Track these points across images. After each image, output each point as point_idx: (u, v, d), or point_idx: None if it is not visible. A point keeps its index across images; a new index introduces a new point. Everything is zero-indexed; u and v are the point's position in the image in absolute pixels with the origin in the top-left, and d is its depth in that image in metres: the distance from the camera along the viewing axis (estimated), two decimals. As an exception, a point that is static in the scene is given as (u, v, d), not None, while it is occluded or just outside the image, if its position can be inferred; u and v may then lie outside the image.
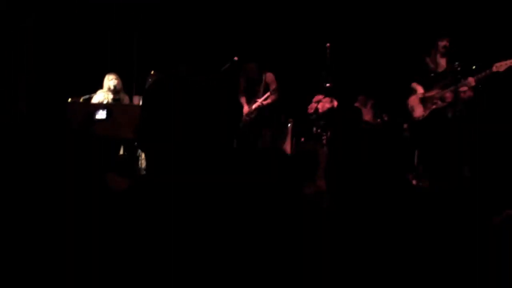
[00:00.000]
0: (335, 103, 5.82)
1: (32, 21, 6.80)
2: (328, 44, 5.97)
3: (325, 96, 5.89)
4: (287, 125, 6.42)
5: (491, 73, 4.91)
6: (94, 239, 1.55)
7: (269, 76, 6.07)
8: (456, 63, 5.18)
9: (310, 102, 6.13)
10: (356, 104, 6.30)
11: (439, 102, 5.30)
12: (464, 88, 5.11)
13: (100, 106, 5.25)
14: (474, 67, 5.41)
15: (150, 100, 1.23)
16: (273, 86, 6.05)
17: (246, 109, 6.05)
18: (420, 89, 5.43)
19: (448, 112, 5.22)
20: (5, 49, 6.75)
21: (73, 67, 7.13)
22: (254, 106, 6.06)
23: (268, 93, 6.01)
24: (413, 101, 5.50)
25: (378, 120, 6.18)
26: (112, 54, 7.29)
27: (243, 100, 6.09)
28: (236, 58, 5.92)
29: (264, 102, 6.02)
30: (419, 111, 5.42)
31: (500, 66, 4.83)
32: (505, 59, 4.85)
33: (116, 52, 7.34)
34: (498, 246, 1.53)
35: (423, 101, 5.42)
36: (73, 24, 7.19)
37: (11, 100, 6.63)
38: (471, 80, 5.02)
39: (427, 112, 5.36)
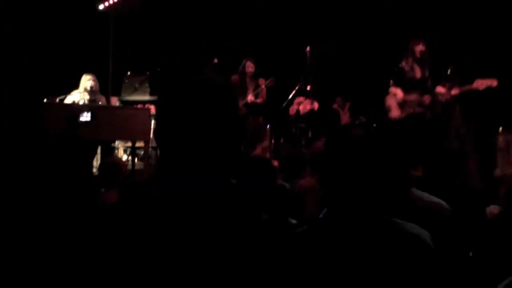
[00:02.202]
0: (316, 105, 5.90)
1: (9, 21, 6.63)
2: (308, 48, 6.04)
3: (306, 98, 5.96)
4: (266, 126, 6.48)
5: (471, 89, 5.15)
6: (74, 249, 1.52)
7: (262, 81, 6.30)
8: (450, 68, 5.34)
9: (290, 104, 6.20)
10: (334, 106, 6.40)
11: (417, 108, 5.44)
12: (442, 90, 5.27)
13: (81, 107, 5.17)
14: (448, 71, 5.57)
15: (167, 101, 1.21)
16: (263, 90, 6.28)
17: None
18: (399, 93, 5.53)
19: (426, 115, 5.36)
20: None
21: (48, 67, 6.98)
22: (243, 102, 6.16)
23: (261, 93, 6.24)
24: (390, 102, 5.60)
25: (356, 122, 6.29)
26: (87, 54, 7.18)
27: None
28: (216, 61, 5.94)
29: (258, 100, 6.21)
30: (395, 112, 5.53)
31: (481, 84, 5.09)
32: (485, 77, 5.10)
33: (92, 52, 7.23)
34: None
35: (401, 104, 5.53)
36: (49, 23, 7.04)
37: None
38: (454, 92, 5.22)
39: (404, 114, 5.48)
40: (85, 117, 4.82)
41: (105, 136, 5.39)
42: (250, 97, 6.16)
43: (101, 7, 6.92)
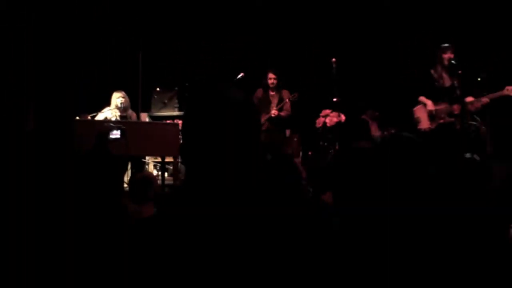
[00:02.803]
0: (343, 117, 5.86)
1: (39, 38, 6.84)
2: (333, 59, 6.02)
3: (333, 110, 5.93)
4: (294, 139, 6.48)
5: (501, 96, 5.07)
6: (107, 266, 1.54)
7: (285, 93, 6.30)
8: (481, 75, 5.29)
9: (317, 116, 6.18)
10: (364, 117, 6.33)
11: (447, 118, 5.36)
12: (471, 99, 5.20)
13: (112, 124, 5.28)
14: (479, 78, 5.48)
15: (192, 117, 1.23)
16: (288, 103, 6.28)
17: None
18: (429, 103, 5.45)
19: (456, 124, 5.27)
20: (12, 67, 6.79)
21: (79, 84, 7.16)
22: (266, 116, 6.15)
23: (286, 106, 6.22)
24: (420, 113, 5.53)
25: (385, 133, 6.21)
26: (117, 72, 7.33)
27: None
28: (242, 74, 5.98)
29: (282, 114, 6.21)
30: (425, 123, 5.46)
31: (510, 91, 5.04)
32: None
33: (122, 70, 7.38)
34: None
35: (431, 114, 5.45)
36: (79, 41, 7.23)
37: (18, 117, 6.64)
38: (484, 100, 5.15)
39: (434, 125, 5.40)
40: (115, 135, 4.92)
41: (135, 152, 5.48)
42: (273, 111, 6.17)
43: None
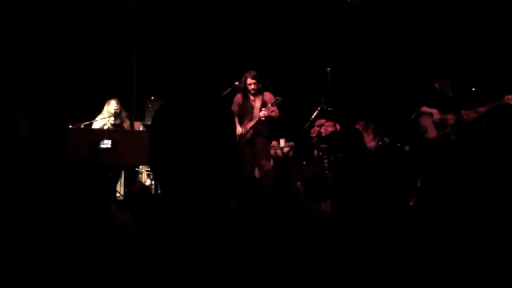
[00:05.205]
0: (338, 127, 5.85)
1: (33, 45, 6.82)
2: (328, 69, 6.02)
3: (327, 120, 5.91)
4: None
5: (500, 105, 5.09)
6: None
7: (267, 95, 5.80)
8: (475, 86, 5.33)
9: (312, 126, 6.16)
10: (357, 127, 6.33)
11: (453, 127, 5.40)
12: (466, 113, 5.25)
13: (103, 133, 5.23)
14: (473, 89, 5.51)
15: (159, 126, 1.21)
16: (271, 108, 5.69)
17: (239, 130, 5.74)
18: (436, 112, 5.47)
19: (451, 134, 5.29)
20: (5, 74, 6.76)
21: (73, 92, 7.12)
22: (251, 123, 5.73)
23: (272, 107, 5.66)
24: (426, 122, 5.54)
25: (380, 143, 6.21)
26: (111, 79, 7.30)
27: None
28: (237, 83, 5.92)
29: (273, 114, 5.65)
30: (432, 133, 5.47)
31: (510, 100, 5.06)
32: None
33: (116, 78, 7.35)
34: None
35: (438, 123, 5.47)
36: (73, 49, 7.20)
37: (11, 125, 6.59)
38: (481, 110, 5.18)
39: (440, 134, 5.42)
40: (105, 144, 4.89)
41: (128, 161, 5.43)
42: (263, 113, 5.63)
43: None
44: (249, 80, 5.74)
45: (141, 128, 6.86)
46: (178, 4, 7.37)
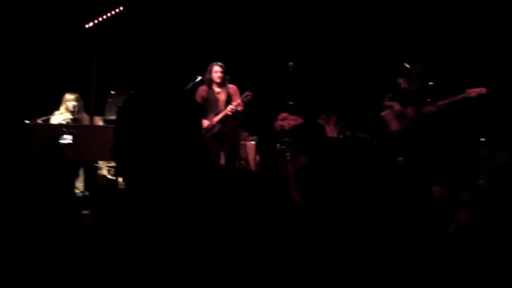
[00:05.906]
0: (300, 121, 5.88)
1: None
2: (291, 63, 6.04)
3: (290, 113, 5.94)
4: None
5: (461, 98, 5.29)
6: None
7: (232, 88, 5.75)
8: (430, 83, 5.47)
9: (274, 119, 6.18)
10: (319, 121, 6.38)
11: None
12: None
13: (63, 129, 5.09)
14: (431, 83, 5.67)
15: (121, 122, 1.20)
16: (237, 98, 5.68)
17: (205, 123, 5.63)
18: (396, 105, 5.61)
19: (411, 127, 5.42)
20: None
21: (29, 87, 6.93)
22: (218, 117, 5.67)
23: (238, 101, 5.60)
24: (389, 116, 5.65)
25: (341, 136, 6.27)
26: (71, 74, 7.14)
27: None
28: (200, 77, 5.88)
29: (239, 108, 5.59)
30: (395, 125, 5.60)
31: (472, 92, 5.27)
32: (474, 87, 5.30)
33: (75, 72, 7.19)
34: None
35: (399, 116, 5.59)
36: (30, 42, 7.00)
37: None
38: (442, 104, 5.33)
39: (402, 127, 5.55)
40: (66, 139, 4.78)
41: (88, 156, 5.31)
42: (232, 106, 5.59)
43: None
44: (216, 68, 5.67)
45: (101, 123, 6.73)
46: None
